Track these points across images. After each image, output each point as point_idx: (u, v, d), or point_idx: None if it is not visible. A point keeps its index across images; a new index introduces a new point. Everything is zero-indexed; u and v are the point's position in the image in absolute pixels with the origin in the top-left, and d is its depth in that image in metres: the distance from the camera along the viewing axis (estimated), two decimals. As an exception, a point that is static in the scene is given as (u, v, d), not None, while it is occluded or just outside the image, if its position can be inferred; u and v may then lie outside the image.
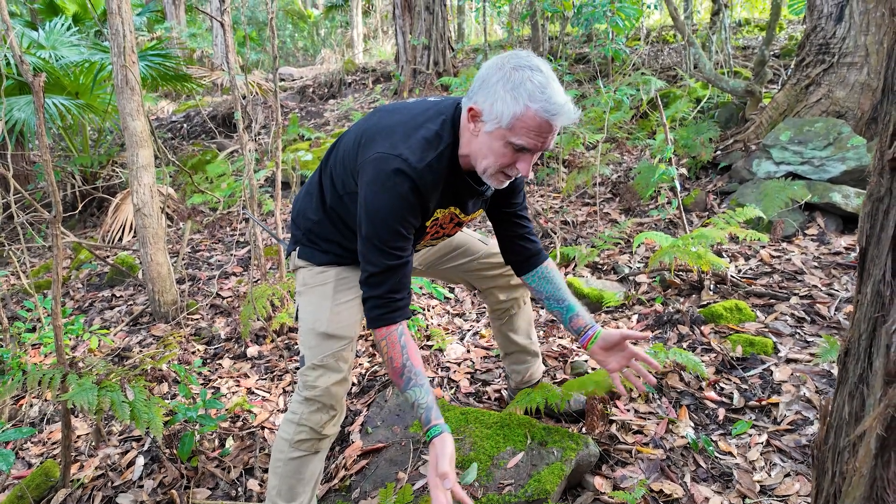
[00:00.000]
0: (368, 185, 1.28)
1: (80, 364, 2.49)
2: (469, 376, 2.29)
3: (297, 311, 1.55)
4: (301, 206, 1.57)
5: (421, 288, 2.74)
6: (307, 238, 1.53)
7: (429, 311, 2.86)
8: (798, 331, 2.24)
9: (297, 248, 1.56)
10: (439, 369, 2.35)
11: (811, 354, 2.08)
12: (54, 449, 2.20)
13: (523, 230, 1.59)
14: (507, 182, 1.33)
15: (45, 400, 2.48)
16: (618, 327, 2.50)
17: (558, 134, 4.46)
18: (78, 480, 1.96)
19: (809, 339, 2.18)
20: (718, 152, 4.00)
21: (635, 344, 1.74)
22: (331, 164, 1.47)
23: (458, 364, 2.38)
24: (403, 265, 1.32)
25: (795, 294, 2.47)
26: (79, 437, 2.23)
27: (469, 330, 2.66)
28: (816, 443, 0.81)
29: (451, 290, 3.05)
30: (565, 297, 1.57)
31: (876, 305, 0.68)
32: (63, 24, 5.81)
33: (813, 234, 3.02)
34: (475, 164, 1.31)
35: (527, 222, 1.61)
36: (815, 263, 2.71)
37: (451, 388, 2.23)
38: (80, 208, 4.96)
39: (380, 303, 1.31)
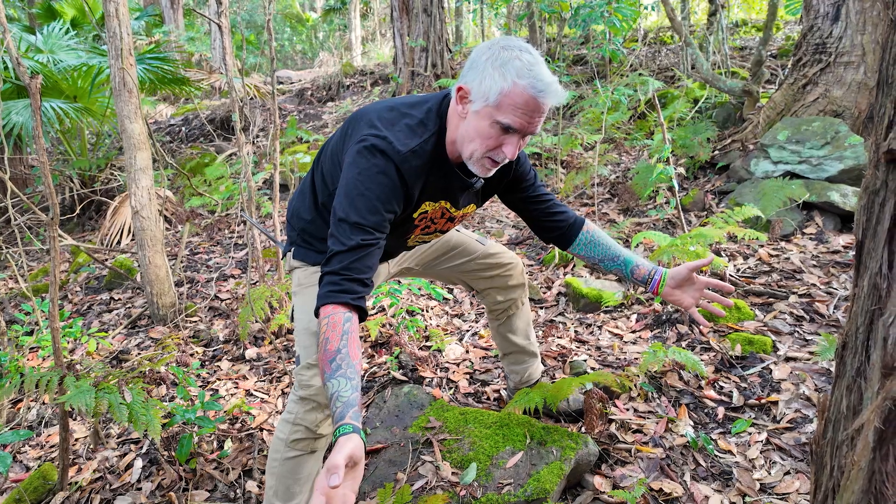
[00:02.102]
0: (351, 165, 1.25)
1: (78, 367, 2.48)
2: (468, 376, 2.29)
3: (293, 310, 1.55)
4: (295, 206, 1.56)
5: (419, 289, 2.74)
6: (301, 238, 1.53)
7: (427, 311, 2.86)
8: (797, 329, 2.24)
9: (293, 249, 1.55)
10: (438, 370, 2.34)
11: (810, 353, 2.07)
12: (52, 452, 2.20)
13: (546, 206, 1.56)
14: (494, 169, 1.31)
15: (43, 403, 2.47)
16: (617, 326, 2.50)
17: (555, 135, 4.47)
18: (76, 483, 1.95)
19: (808, 337, 2.18)
20: (716, 152, 4.00)
21: (702, 273, 1.68)
22: (321, 161, 1.47)
23: (457, 364, 2.38)
24: (371, 246, 1.21)
25: (794, 293, 2.47)
26: (77, 439, 2.22)
27: (468, 330, 2.66)
28: (815, 437, 0.81)
29: (450, 291, 3.04)
30: (618, 253, 1.55)
31: (873, 298, 0.68)
32: (61, 28, 5.81)
33: (811, 233, 3.02)
34: (461, 151, 1.29)
35: (547, 198, 1.56)
36: (814, 262, 2.71)
37: (450, 388, 2.22)
38: (78, 211, 4.96)
39: (335, 279, 1.18)
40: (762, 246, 2.95)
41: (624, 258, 1.54)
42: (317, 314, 1.19)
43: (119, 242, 4.57)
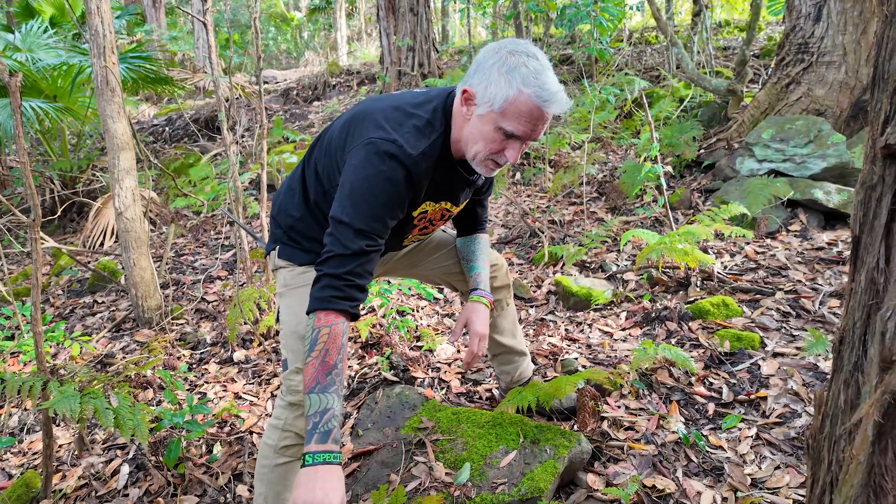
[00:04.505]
0: (358, 168, 1.22)
1: (62, 371, 2.43)
2: (460, 376, 2.28)
3: (279, 312, 1.50)
4: (282, 202, 1.50)
5: (410, 288, 2.73)
6: (288, 236, 1.48)
7: (418, 311, 2.85)
8: (784, 325, 2.26)
9: (277, 248, 1.49)
10: (430, 370, 2.33)
11: (797, 348, 2.10)
12: (35, 459, 2.15)
13: (478, 212, 1.72)
14: (497, 170, 1.32)
15: (25, 409, 2.41)
16: (607, 324, 2.51)
17: (544, 134, 4.48)
18: (60, 491, 1.91)
19: (795, 332, 2.21)
20: (702, 151, 4.04)
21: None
22: (315, 157, 1.42)
23: (449, 364, 2.37)
24: (373, 252, 1.23)
25: (780, 289, 2.50)
26: (60, 446, 2.17)
27: (458, 330, 2.65)
28: (811, 432, 0.82)
29: (441, 291, 3.03)
30: (468, 261, 1.71)
31: (870, 293, 0.68)
32: (40, 27, 5.70)
33: (796, 230, 3.06)
34: (465, 150, 1.29)
35: (482, 208, 1.72)
36: (799, 259, 2.75)
37: (443, 388, 2.22)
38: (59, 213, 4.86)
39: (336, 283, 1.18)
40: (748, 243, 2.99)
41: (470, 266, 1.70)
42: (312, 311, 1.19)
43: (102, 244, 4.49)
